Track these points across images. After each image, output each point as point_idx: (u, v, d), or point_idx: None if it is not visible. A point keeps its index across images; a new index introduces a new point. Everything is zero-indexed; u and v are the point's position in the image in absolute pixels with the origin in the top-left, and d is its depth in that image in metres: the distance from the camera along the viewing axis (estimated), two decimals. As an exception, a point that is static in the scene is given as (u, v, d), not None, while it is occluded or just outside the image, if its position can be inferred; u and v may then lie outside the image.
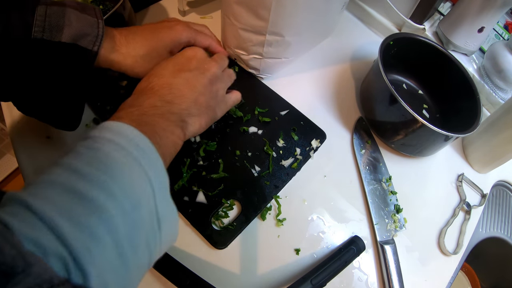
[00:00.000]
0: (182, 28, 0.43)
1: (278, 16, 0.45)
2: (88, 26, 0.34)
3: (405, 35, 0.56)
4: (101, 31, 0.35)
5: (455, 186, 0.54)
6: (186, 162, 0.45)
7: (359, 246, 0.43)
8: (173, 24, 0.43)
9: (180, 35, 0.42)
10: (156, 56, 0.41)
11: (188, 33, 0.43)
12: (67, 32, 0.33)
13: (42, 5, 0.32)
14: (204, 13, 0.64)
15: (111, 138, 0.25)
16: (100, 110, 0.48)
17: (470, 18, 0.58)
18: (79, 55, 0.34)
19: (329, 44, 0.63)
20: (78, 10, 0.34)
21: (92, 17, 0.35)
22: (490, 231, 0.57)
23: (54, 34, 0.32)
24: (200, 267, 0.39)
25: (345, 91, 0.59)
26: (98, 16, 0.35)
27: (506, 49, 0.57)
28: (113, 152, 0.24)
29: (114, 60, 0.38)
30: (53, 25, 0.32)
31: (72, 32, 0.33)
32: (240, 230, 0.42)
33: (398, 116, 0.48)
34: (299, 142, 0.50)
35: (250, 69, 0.55)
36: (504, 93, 0.61)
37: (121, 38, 0.38)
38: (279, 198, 0.46)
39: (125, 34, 0.39)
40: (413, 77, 0.61)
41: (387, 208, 0.48)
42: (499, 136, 0.51)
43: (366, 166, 0.51)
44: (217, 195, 0.44)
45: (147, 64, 0.40)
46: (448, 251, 0.48)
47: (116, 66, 0.38)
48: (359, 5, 0.68)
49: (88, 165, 0.23)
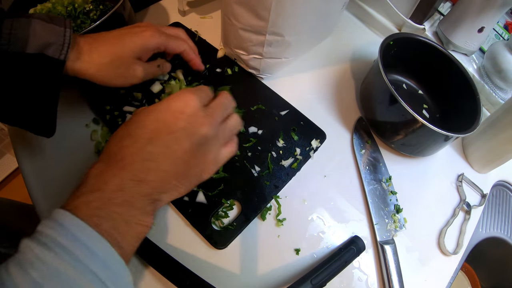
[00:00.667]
0: (150, 33, 0.41)
1: (278, 16, 0.45)
2: (53, 36, 0.34)
3: (405, 35, 0.55)
4: (67, 40, 0.34)
5: (455, 186, 0.54)
6: (186, 162, 0.45)
7: (359, 246, 0.43)
8: (142, 30, 0.41)
9: (147, 41, 0.40)
10: (121, 63, 0.39)
11: (157, 39, 0.41)
12: (32, 43, 0.33)
13: (8, 19, 0.33)
14: (204, 13, 0.64)
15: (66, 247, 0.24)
16: (100, 110, 0.48)
17: (470, 18, 0.58)
18: (46, 64, 0.34)
19: (329, 44, 0.63)
20: (45, 20, 0.34)
21: (59, 26, 0.35)
22: (490, 231, 0.57)
23: (19, 46, 0.33)
24: (200, 267, 0.39)
25: (345, 91, 0.59)
26: (66, 25, 0.35)
27: (506, 49, 0.57)
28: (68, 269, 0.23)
29: (79, 69, 0.37)
30: (18, 37, 0.33)
31: (37, 42, 0.33)
32: (240, 230, 0.42)
33: (398, 116, 0.48)
34: (299, 142, 0.50)
35: (250, 69, 0.55)
36: (504, 93, 0.61)
37: (85, 45, 0.37)
38: (279, 198, 0.46)
39: (90, 42, 0.38)
40: (413, 77, 0.61)
41: (387, 208, 0.48)
42: (499, 136, 0.51)
43: (366, 166, 0.51)
44: (217, 195, 0.44)
45: (112, 71, 0.39)
46: (448, 251, 0.48)
47: (81, 75, 0.37)
48: (359, 5, 0.68)
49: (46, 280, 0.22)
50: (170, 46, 0.43)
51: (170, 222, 0.43)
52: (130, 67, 0.41)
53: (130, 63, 0.40)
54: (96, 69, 0.38)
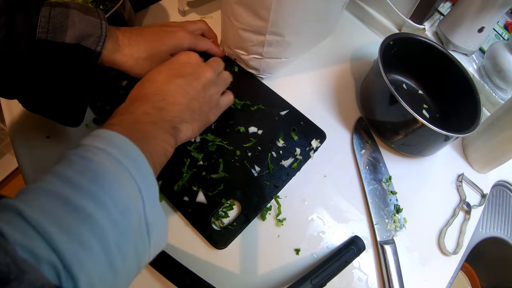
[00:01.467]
0: (184, 35, 0.45)
1: (278, 16, 0.45)
2: (91, 27, 0.35)
3: (405, 35, 0.56)
4: (104, 32, 0.36)
5: (455, 186, 0.54)
6: (186, 162, 0.45)
7: (359, 246, 0.43)
8: (176, 30, 0.45)
9: (182, 41, 0.45)
10: (157, 59, 0.42)
11: (189, 40, 0.46)
12: (70, 33, 0.34)
13: (46, 7, 0.33)
14: (204, 13, 0.64)
15: (103, 148, 0.25)
16: (100, 110, 0.48)
17: (470, 18, 0.58)
18: (83, 55, 0.35)
19: (329, 44, 0.63)
20: (82, 11, 0.35)
21: (95, 18, 0.36)
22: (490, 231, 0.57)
23: (58, 35, 0.33)
24: (200, 267, 0.39)
25: (345, 91, 0.59)
26: (101, 17, 0.36)
27: (506, 49, 0.57)
28: (104, 162, 0.24)
29: (117, 60, 0.39)
30: (57, 26, 0.33)
31: (76, 32, 0.34)
32: (240, 230, 0.42)
33: (398, 116, 0.48)
34: (299, 142, 0.50)
35: (250, 69, 0.55)
36: (504, 93, 0.61)
37: (124, 39, 0.40)
38: (279, 198, 0.46)
39: (128, 36, 0.40)
40: (413, 77, 0.61)
41: (387, 208, 0.48)
42: (499, 136, 0.51)
43: (366, 166, 0.51)
44: (217, 195, 0.44)
45: (148, 66, 0.41)
46: (448, 251, 0.48)
47: (118, 66, 0.40)
48: (359, 5, 0.68)
49: (80, 174, 0.23)
50: (198, 45, 0.48)
51: (170, 222, 0.43)
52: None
53: (165, 59, 0.42)
54: (135, 61, 0.40)
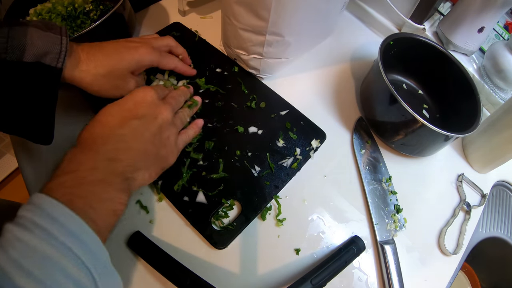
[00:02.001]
0: (146, 51, 0.43)
1: (278, 16, 0.45)
2: (50, 44, 0.34)
3: (405, 35, 0.56)
4: (64, 48, 0.35)
5: (455, 186, 0.54)
6: (186, 162, 0.45)
7: (359, 246, 0.43)
8: (138, 46, 0.43)
9: (143, 57, 0.42)
10: (117, 76, 0.41)
11: (151, 56, 0.43)
12: (29, 51, 0.33)
13: (4, 27, 0.33)
14: (204, 13, 0.64)
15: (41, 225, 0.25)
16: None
17: (470, 18, 0.58)
18: (44, 72, 0.34)
19: (329, 44, 0.63)
20: (41, 28, 0.34)
21: (55, 34, 0.35)
22: (490, 231, 0.57)
23: (16, 55, 0.33)
24: (200, 267, 0.39)
25: (345, 91, 0.59)
26: (62, 33, 0.35)
27: (506, 49, 0.57)
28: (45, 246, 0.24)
29: (75, 77, 0.37)
30: (15, 46, 0.33)
31: (34, 51, 0.33)
32: (240, 230, 0.42)
33: (398, 116, 0.48)
34: (299, 142, 0.50)
35: (250, 69, 0.55)
36: (504, 93, 0.61)
37: (83, 54, 0.38)
38: (279, 198, 0.46)
39: (87, 51, 0.38)
40: (413, 77, 0.61)
41: (387, 208, 0.48)
42: (499, 136, 0.51)
43: (366, 166, 0.51)
44: (217, 195, 0.44)
45: (107, 82, 0.40)
46: (448, 251, 0.48)
47: (77, 83, 0.38)
48: (359, 5, 0.68)
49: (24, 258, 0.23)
50: (162, 63, 0.45)
51: (170, 222, 0.43)
52: (124, 80, 0.42)
53: (124, 76, 0.42)
54: (92, 78, 0.38)
